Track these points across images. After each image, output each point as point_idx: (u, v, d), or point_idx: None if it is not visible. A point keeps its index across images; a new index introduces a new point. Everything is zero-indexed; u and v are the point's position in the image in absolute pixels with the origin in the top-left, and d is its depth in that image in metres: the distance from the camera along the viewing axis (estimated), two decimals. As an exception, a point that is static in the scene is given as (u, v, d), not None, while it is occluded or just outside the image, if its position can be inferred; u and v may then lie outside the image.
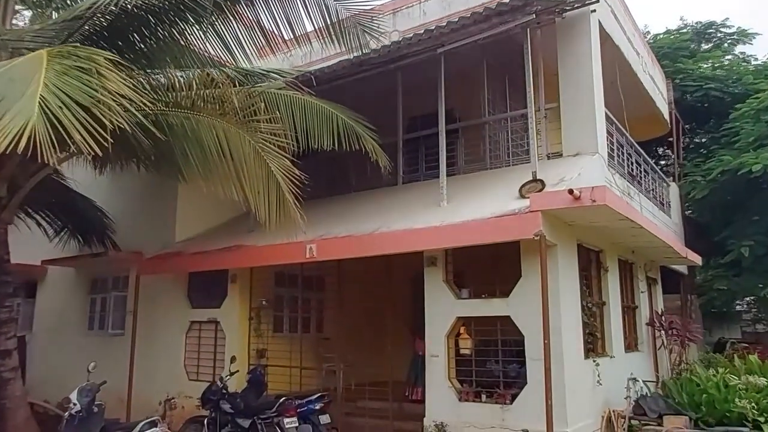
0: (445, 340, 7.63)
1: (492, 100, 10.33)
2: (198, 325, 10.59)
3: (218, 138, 6.45)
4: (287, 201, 6.17)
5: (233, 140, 6.39)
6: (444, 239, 7.23)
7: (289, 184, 6.24)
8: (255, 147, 6.29)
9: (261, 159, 6.28)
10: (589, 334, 8.00)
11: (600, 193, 6.25)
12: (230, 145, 6.41)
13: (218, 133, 6.46)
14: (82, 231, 11.96)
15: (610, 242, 9.10)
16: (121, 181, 11.89)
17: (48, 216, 11.85)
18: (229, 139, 6.42)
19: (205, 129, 6.50)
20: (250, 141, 6.31)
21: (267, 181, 6.23)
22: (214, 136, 6.46)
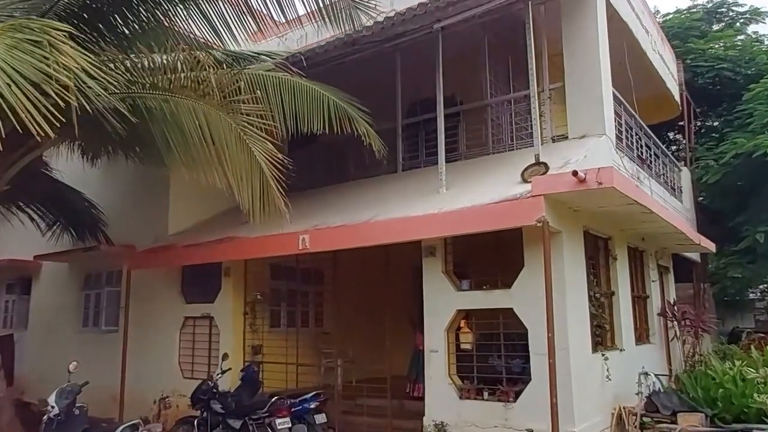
0: (444, 335, 7.23)
1: (494, 82, 9.89)
2: (192, 320, 10.25)
3: (198, 122, 6.05)
4: (271, 188, 5.77)
5: (214, 123, 6.00)
6: (441, 227, 6.80)
7: (272, 169, 5.83)
8: (236, 130, 5.88)
9: (243, 143, 5.87)
10: (597, 326, 7.57)
11: (607, 175, 5.79)
12: (211, 128, 6.02)
13: (198, 116, 6.06)
14: (74, 225, 11.65)
15: (619, 229, 8.64)
16: (113, 174, 11.59)
17: (39, 210, 11.57)
18: (209, 122, 6.03)
19: (185, 112, 6.11)
20: (231, 124, 5.91)
21: (250, 166, 5.83)
22: (195, 119, 6.07)
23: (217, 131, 5.98)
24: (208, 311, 9.93)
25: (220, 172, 6.00)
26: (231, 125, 5.89)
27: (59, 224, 11.76)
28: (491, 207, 6.43)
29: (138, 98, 6.26)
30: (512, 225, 6.31)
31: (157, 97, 6.20)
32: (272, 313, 10.36)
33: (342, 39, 8.10)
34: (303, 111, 7.21)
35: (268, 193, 5.78)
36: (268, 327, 10.15)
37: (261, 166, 5.78)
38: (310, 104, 7.31)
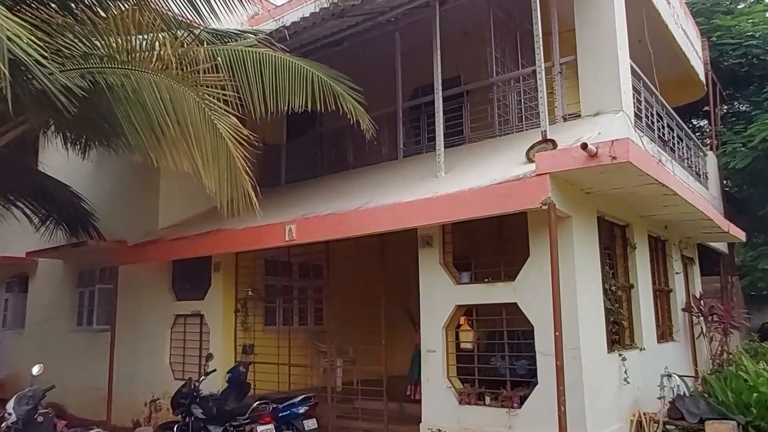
0: (443, 333, 6.55)
1: (501, 60, 9.16)
2: (183, 318, 9.71)
3: (161, 98, 5.46)
4: (238, 170, 5.14)
5: (177, 99, 5.41)
6: (434, 214, 6.11)
7: (239, 149, 5.21)
8: (200, 105, 5.27)
9: (208, 119, 5.26)
10: (614, 322, 6.81)
11: (622, 148, 5.04)
12: (174, 105, 5.43)
13: (161, 92, 5.47)
14: (66, 220, 11.22)
15: (638, 215, 7.85)
16: (106, 169, 11.19)
17: (31, 205, 11.17)
18: (173, 98, 5.43)
19: (147, 88, 5.52)
20: (194, 98, 5.29)
21: (216, 145, 5.22)
22: (157, 95, 5.47)
23: (180, 108, 5.40)
24: (198, 309, 9.38)
25: (186, 154, 5.38)
26: (194, 100, 5.27)
27: (52, 219, 11.34)
28: (490, 189, 5.73)
29: (97, 74, 5.67)
30: (514, 209, 5.59)
31: (117, 71, 5.60)
32: (267, 311, 9.76)
33: (329, 10, 7.40)
34: (285, 87, 6.59)
35: (236, 175, 5.16)
36: (263, 325, 9.56)
37: (227, 145, 5.15)
38: (293, 80, 6.69)
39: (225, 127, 5.21)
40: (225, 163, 5.18)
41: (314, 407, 7.16)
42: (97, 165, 11.18)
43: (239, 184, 5.23)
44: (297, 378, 8.89)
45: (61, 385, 11.45)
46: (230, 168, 5.18)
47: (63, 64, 5.59)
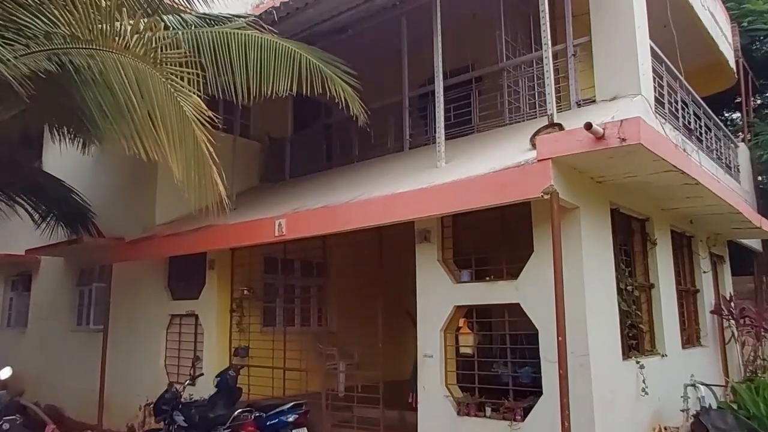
0: (440, 336, 6.00)
1: (513, 44, 8.59)
2: (178, 319, 9.32)
3: (127, 79, 5.02)
4: (204, 154, 4.68)
5: (143, 80, 4.97)
6: (427, 206, 5.55)
7: (203, 131, 4.75)
8: (166, 86, 4.82)
9: (173, 100, 4.81)
10: (631, 326, 6.17)
11: (632, 128, 4.43)
12: (140, 86, 4.98)
13: (127, 73, 5.04)
14: (65, 217, 10.96)
15: (659, 208, 7.18)
16: (105, 165, 10.91)
17: (31, 201, 10.96)
18: (138, 79, 4.99)
19: (113, 69, 5.10)
20: (159, 78, 4.85)
21: (182, 129, 4.76)
22: (123, 77, 5.04)
23: (146, 89, 4.95)
24: (192, 308, 8.97)
25: (153, 138, 4.94)
26: (159, 80, 4.83)
27: (52, 216, 11.10)
28: (487, 178, 5.16)
29: (62, 55, 5.27)
30: (513, 198, 5.00)
31: (81, 52, 5.18)
32: (266, 311, 9.31)
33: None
34: (269, 70, 6.13)
35: (202, 160, 4.70)
36: (261, 326, 9.11)
37: (193, 128, 4.70)
38: (279, 63, 6.23)
39: (189, 108, 4.75)
40: (192, 148, 4.72)
41: (305, 415, 6.67)
42: (97, 161, 10.92)
43: (206, 171, 4.75)
44: (295, 383, 8.39)
45: (59, 387, 11.34)
46: (197, 153, 4.72)
47: (27, 45, 5.22)
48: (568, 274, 5.07)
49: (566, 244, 5.14)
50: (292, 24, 8.20)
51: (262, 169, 11.32)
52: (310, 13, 7.97)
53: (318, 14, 8.13)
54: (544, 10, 6.17)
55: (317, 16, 8.18)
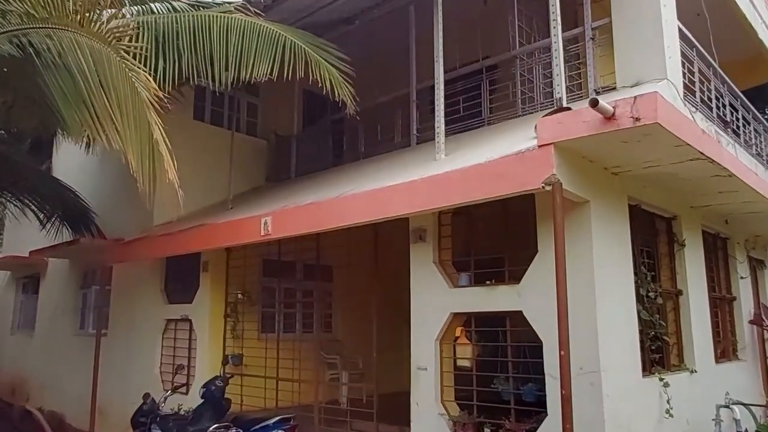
0: (436, 346, 5.38)
1: (527, 30, 7.94)
2: (174, 323, 8.89)
3: (84, 60, 4.58)
4: (158, 143, 4.18)
5: (100, 62, 4.51)
6: (417, 200, 4.95)
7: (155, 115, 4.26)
8: (120, 66, 4.35)
9: (130, 83, 4.33)
10: (654, 337, 5.43)
11: (647, 106, 3.75)
12: (98, 68, 4.53)
13: (83, 53, 4.59)
14: (68, 219, 10.74)
15: (688, 205, 6.42)
16: (108, 164, 10.63)
17: (37, 203, 10.80)
18: (96, 60, 4.54)
19: (71, 49, 4.66)
20: (114, 57, 4.40)
21: (137, 112, 4.29)
22: (80, 57, 4.60)
23: (103, 71, 4.50)
24: (186, 313, 8.53)
25: (112, 126, 4.47)
26: (114, 59, 4.37)
27: (57, 217, 10.90)
28: (482, 167, 4.53)
29: (21, 36, 4.87)
30: (510, 191, 4.35)
31: (39, 32, 4.77)
32: (264, 316, 8.80)
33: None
34: (251, 53, 5.65)
35: (155, 148, 4.21)
36: (259, 332, 8.61)
37: (146, 112, 4.21)
38: (261, 46, 5.74)
39: (143, 89, 4.26)
40: (147, 134, 4.24)
41: (293, 430, 6.11)
42: (101, 160, 10.67)
43: (165, 159, 4.26)
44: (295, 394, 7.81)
45: (62, 392, 11.05)
46: (151, 139, 4.23)
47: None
48: (576, 278, 4.40)
49: (574, 243, 4.48)
50: (289, 10, 7.71)
51: (269, 167, 10.89)
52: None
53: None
54: (553, -19, 5.50)
55: (315, 2, 7.71)
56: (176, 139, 9.48)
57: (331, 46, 6.37)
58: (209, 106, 10.47)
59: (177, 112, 9.52)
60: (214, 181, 9.47)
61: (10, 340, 13.95)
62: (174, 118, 9.42)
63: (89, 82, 4.59)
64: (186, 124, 9.82)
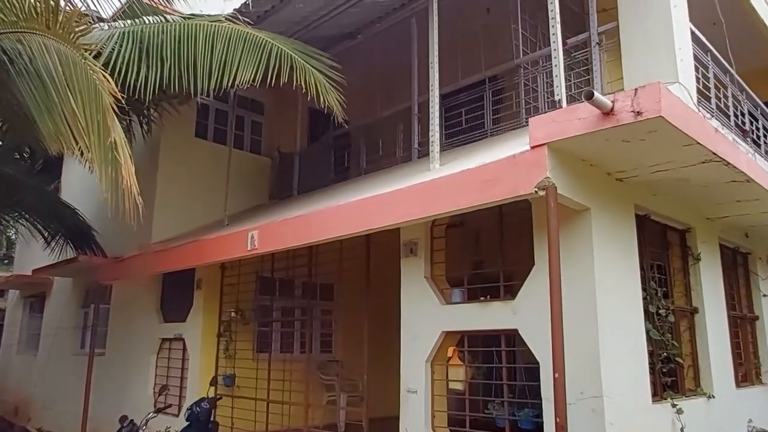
0: (426, 368, 4.99)
1: (532, 38, 7.67)
2: (168, 343, 8.61)
3: (51, 63, 4.40)
4: (120, 148, 3.94)
5: (66, 64, 4.31)
6: (402, 210, 4.62)
7: (114, 119, 4.02)
8: (84, 68, 4.15)
9: (95, 86, 4.12)
10: (666, 359, 4.97)
11: (650, 98, 3.39)
12: (64, 71, 4.34)
13: (51, 57, 4.40)
14: (71, 237, 10.64)
15: (703, 216, 5.98)
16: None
17: (40, 221, 10.74)
18: (62, 63, 4.34)
19: (40, 53, 4.48)
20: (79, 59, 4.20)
21: (101, 118, 4.05)
22: (48, 61, 4.42)
23: (69, 74, 4.29)
24: (180, 332, 8.25)
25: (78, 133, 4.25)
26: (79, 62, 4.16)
27: (61, 236, 10.81)
28: (470, 173, 4.19)
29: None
30: (501, 197, 4.00)
31: (10, 36, 4.60)
32: (260, 335, 8.46)
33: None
34: (235, 60, 5.45)
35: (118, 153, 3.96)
36: (254, 352, 8.27)
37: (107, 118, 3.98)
38: (246, 53, 5.54)
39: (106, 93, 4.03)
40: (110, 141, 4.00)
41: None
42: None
43: (122, 164, 4.00)
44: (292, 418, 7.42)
45: (62, 412, 10.80)
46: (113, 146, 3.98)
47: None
48: (575, 293, 4.03)
49: (572, 255, 4.12)
50: (286, 23, 7.55)
51: (272, 185, 10.68)
52: (301, 10, 7.31)
53: (312, 11, 7.47)
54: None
55: (310, 14, 7.53)
56: (177, 156, 9.51)
57: (323, 54, 6.16)
58: (212, 124, 10.32)
59: (178, 129, 9.48)
60: (216, 198, 9.24)
61: (16, 359, 13.82)
62: (174, 135, 9.44)
63: (57, 87, 4.40)
64: (187, 142, 9.68)
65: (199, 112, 9.87)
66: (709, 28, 7.42)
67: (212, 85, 5.36)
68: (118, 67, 5.38)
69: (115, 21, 6.92)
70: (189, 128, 9.70)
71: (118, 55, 5.49)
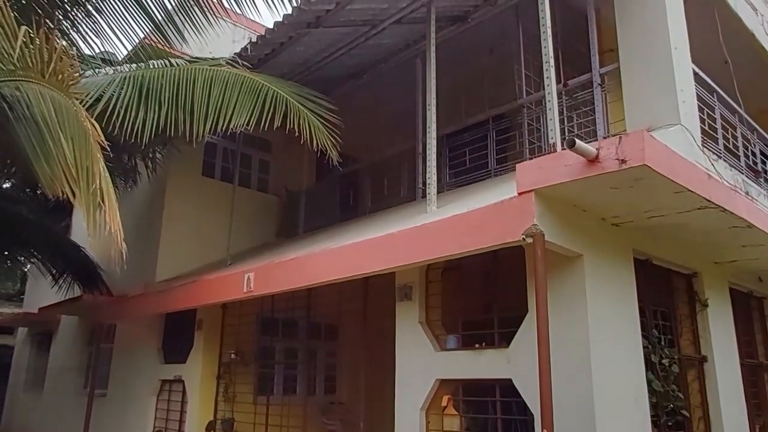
0: (421, 417, 4.82)
1: (535, 79, 7.66)
2: (168, 384, 8.50)
3: (47, 111, 4.44)
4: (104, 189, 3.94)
5: (59, 110, 4.37)
6: (391, 255, 4.54)
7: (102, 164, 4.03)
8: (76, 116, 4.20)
9: (85, 132, 4.16)
10: (672, 411, 4.74)
11: (634, 145, 3.29)
12: (58, 118, 4.38)
13: (46, 103, 4.46)
14: (78, 275, 10.69)
15: (711, 260, 5.79)
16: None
17: (48, 259, 10.83)
18: (56, 110, 4.40)
19: (36, 100, 4.54)
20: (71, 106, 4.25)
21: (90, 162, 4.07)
22: (44, 108, 4.47)
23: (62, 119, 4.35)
24: (180, 373, 8.14)
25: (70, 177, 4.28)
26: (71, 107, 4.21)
27: (68, 274, 10.87)
28: (458, 219, 4.11)
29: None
30: (488, 243, 3.89)
31: (9, 83, 4.68)
32: (261, 377, 8.31)
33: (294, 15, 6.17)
34: (231, 103, 5.50)
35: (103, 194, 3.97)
36: (255, 395, 8.11)
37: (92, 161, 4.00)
38: (242, 96, 5.58)
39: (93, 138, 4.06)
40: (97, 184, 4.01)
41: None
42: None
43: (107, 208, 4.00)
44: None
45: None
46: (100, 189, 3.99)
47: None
48: (567, 341, 3.89)
49: (565, 303, 3.98)
50: (288, 65, 7.72)
51: (279, 223, 10.68)
52: (302, 53, 7.40)
53: (314, 54, 7.58)
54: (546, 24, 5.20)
55: (312, 56, 7.63)
56: (184, 195, 9.56)
57: (319, 96, 6.19)
58: (220, 163, 10.40)
59: (185, 168, 9.57)
60: (222, 237, 9.23)
61: (22, 397, 13.79)
62: (181, 174, 9.53)
63: (51, 132, 4.44)
64: (194, 180, 9.75)
65: (207, 151, 9.96)
66: (720, 67, 7.36)
67: (208, 128, 5.39)
68: (117, 110, 5.45)
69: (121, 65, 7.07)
70: (196, 167, 9.78)
71: (118, 99, 5.57)
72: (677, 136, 5.39)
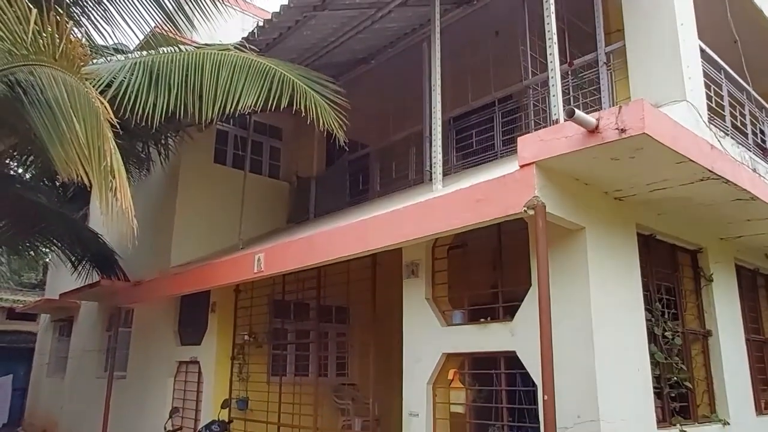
0: (428, 390, 4.94)
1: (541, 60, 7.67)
2: (185, 366, 8.70)
3: (59, 94, 4.59)
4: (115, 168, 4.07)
5: (71, 93, 4.51)
6: (397, 231, 4.63)
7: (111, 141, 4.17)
8: (87, 97, 4.32)
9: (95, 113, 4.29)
10: (676, 383, 4.81)
11: (634, 114, 3.35)
12: (70, 99, 4.53)
13: (59, 86, 4.61)
14: (97, 262, 10.92)
15: (716, 236, 5.82)
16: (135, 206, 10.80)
17: (67, 246, 11.06)
18: (68, 92, 4.54)
19: (49, 84, 4.69)
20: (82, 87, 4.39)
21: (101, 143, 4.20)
22: (56, 91, 4.62)
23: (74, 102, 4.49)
24: (195, 355, 8.34)
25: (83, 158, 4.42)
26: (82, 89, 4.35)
27: (87, 261, 11.10)
28: (461, 194, 4.19)
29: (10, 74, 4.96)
30: (490, 217, 3.97)
31: (23, 68, 4.84)
32: (275, 359, 8.48)
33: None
34: (239, 85, 5.61)
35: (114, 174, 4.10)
36: (269, 375, 8.28)
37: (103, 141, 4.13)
38: (250, 79, 5.69)
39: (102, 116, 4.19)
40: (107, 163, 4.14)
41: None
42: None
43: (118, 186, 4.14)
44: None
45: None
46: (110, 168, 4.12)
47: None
48: (570, 313, 3.98)
49: (567, 276, 4.06)
50: (296, 50, 7.78)
51: (290, 209, 10.81)
52: (310, 37, 7.47)
53: (321, 38, 7.65)
54: (548, 1, 5.23)
55: (319, 41, 7.70)
56: (196, 182, 9.71)
57: (326, 79, 6.29)
58: (231, 150, 10.53)
59: (197, 155, 9.72)
60: (234, 223, 9.38)
61: (46, 382, 14.14)
62: (194, 161, 9.68)
63: (65, 115, 4.58)
64: (206, 168, 9.90)
65: (219, 139, 10.10)
66: (729, 46, 7.32)
67: (217, 111, 5.51)
68: (128, 94, 5.59)
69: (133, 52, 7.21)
70: (208, 155, 9.92)
71: (129, 84, 5.70)
72: (683, 112, 5.41)
